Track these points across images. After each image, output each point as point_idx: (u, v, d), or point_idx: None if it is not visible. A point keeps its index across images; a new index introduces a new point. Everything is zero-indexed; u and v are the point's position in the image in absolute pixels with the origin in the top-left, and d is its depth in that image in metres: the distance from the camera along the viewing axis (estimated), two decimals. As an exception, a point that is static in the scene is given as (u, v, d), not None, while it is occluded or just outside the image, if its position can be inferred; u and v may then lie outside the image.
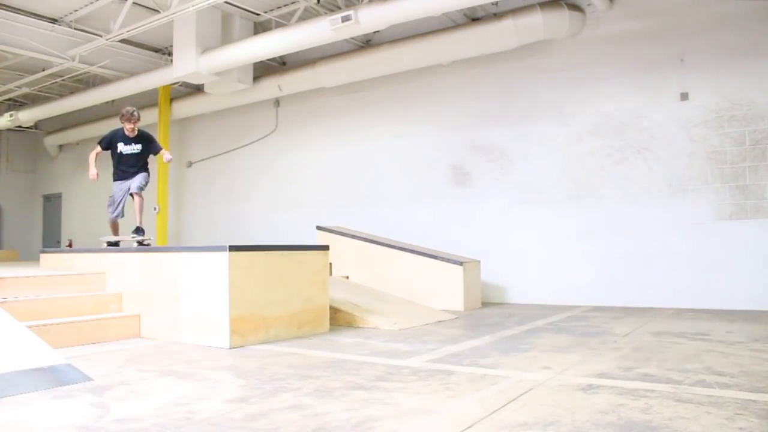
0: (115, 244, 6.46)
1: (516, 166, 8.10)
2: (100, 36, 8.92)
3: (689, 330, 4.94)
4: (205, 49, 8.67)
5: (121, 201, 6.36)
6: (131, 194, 6.19)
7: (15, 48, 8.99)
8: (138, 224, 6.24)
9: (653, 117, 7.14)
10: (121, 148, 6.20)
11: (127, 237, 6.34)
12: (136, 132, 6.17)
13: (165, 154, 6.49)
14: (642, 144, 7.20)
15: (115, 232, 6.56)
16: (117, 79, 10.47)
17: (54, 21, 8.79)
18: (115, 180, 6.38)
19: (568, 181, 7.68)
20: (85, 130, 13.53)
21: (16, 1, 8.18)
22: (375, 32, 8.66)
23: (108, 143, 6.31)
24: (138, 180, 6.22)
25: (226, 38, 8.91)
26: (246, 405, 2.72)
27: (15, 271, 5.81)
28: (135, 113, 6.14)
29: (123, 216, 6.40)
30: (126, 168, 6.27)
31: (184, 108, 11.33)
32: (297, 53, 9.45)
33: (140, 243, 6.18)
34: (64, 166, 15.10)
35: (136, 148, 6.22)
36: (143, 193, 6.28)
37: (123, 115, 6.15)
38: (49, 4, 8.41)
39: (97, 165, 6.34)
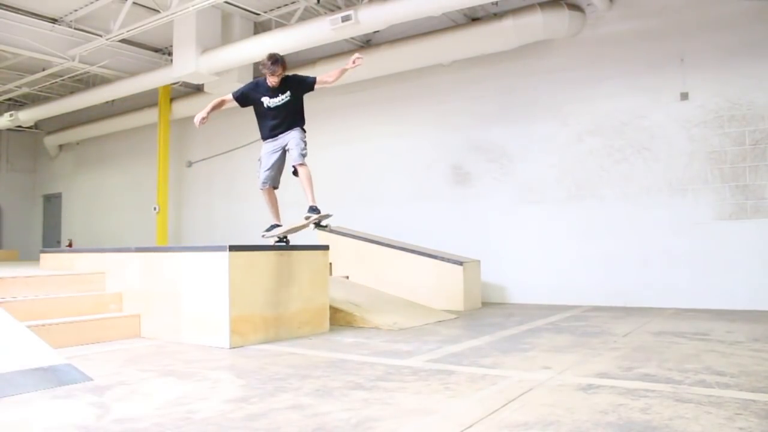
0: (283, 239, 5.17)
1: (516, 166, 8.10)
2: (100, 36, 8.92)
3: (689, 330, 4.94)
4: (205, 49, 8.67)
5: (271, 166, 5.08)
6: (293, 167, 4.98)
7: (15, 48, 8.98)
8: (310, 202, 4.92)
9: (653, 117, 7.14)
10: (267, 101, 4.95)
11: (297, 223, 5.04)
12: (280, 79, 4.87)
13: (332, 74, 5.16)
14: (642, 144, 7.20)
15: (273, 209, 5.22)
16: (117, 79, 10.47)
17: (54, 21, 8.78)
18: (263, 140, 5.16)
19: (568, 181, 7.68)
20: (85, 130, 13.54)
21: (16, 1, 8.17)
22: (375, 32, 8.66)
23: (244, 98, 5.01)
24: (295, 146, 4.96)
25: (226, 38, 8.91)
26: (246, 405, 2.72)
27: (15, 271, 5.81)
28: (278, 60, 4.79)
29: (277, 186, 5.21)
30: (275, 124, 5.02)
31: (184, 108, 11.32)
32: (297, 53, 9.43)
33: (318, 225, 4.95)
34: (64, 166, 15.09)
35: (283, 97, 4.95)
36: (306, 158, 5.02)
37: (263, 65, 4.83)
38: (49, 4, 8.41)
39: (209, 116, 4.94)
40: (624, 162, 7.31)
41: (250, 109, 5.23)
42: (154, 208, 11.21)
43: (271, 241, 5.12)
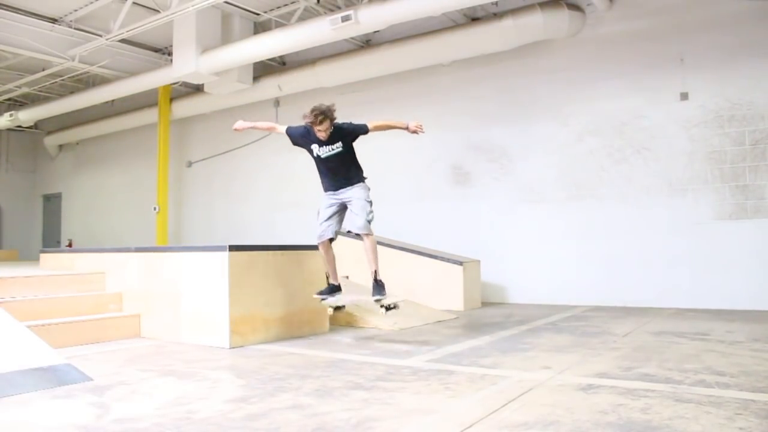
0: (338, 306, 4.78)
1: (516, 166, 8.10)
2: (100, 36, 8.92)
3: (689, 330, 4.94)
4: (205, 49, 8.67)
5: (329, 218, 4.59)
6: (356, 234, 4.54)
7: (15, 48, 8.98)
8: (374, 276, 4.49)
9: (653, 117, 7.14)
10: (317, 150, 4.55)
11: (358, 297, 4.79)
12: (329, 133, 4.44)
13: (407, 124, 4.77)
14: (642, 144, 7.20)
15: (331, 266, 4.73)
16: (117, 79, 10.46)
17: (54, 21, 8.78)
18: (323, 191, 4.73)
19: (568, 181, 7.68)
20: (85, 130, 13.53)
21: (16, 1, 8.17)
22: (375, 32, 8.66)
23: (294, 141, 4.70)
24: (360, 209, 4.46)
25: (226, 38, 8.91)
26: (246, 405, 2.72)
27: (15, 271, 5.81)
28: (324, 115, 4.33)
29: (334, 238, 4.67)
30: (333, 177, 4.61)
31: (184, 108, 11.33)
32: (297, 53, 9.44)
33: (386, 307, 4.49)
34: (64, 166, 15.09)
35: (335, 148, 4.53)
36: (371, 225, 4.51)
37: (306, 118, 4.39)
38: (49, 4, 8.40)
39: (249, 128, 4.70)
40: (624, 162, 7.31)
41: (251, 110, 5.22)
42: (154, 208, 11.21)
43: (329, 308, 4.72)
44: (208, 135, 11.83)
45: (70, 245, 13.87)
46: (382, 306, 4.47)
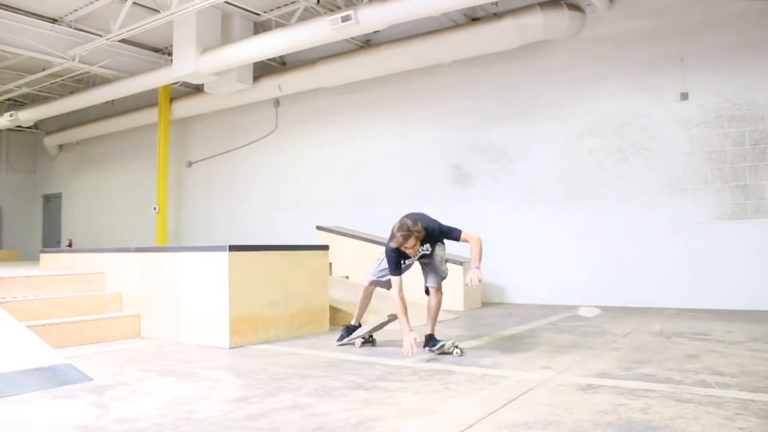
0: (369, 338, 4.55)
1: (516, 166, 8.10)
2: (100, 36, 8.91)
3: (689, 330, 4.94)
4: (205, 49, 8.67)
5: (395, 268, 4.23)
6: (426, 288, 4.41)
7: (15, 48, 8.97)
8: (429, 331, 4.28)
9: (653, 117, 7.13)
10: (409, 261, 4.37)
11: (377, 321, 4.46)
12: (417, 247, 4.19)
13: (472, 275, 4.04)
14: (642, 144, 7.20)
15: (362, 308, 4.62)
16: (117, 79, 10.46)
17: (54, 21, 8.77)
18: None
19: (568, 180, 7.68)
20: (85, 130, 13.53)
21: (16, 1, 8.17)
22: (375, 32, 8.65)
23: (394, 268, 4.24)
24: (440, 263, 4.37)
25: (226, 38, 8.90)
26: (246, 405, 2.72)
27: (15, 271, 5.81)
28: (411, 235, 4.06)
29: (389, 288, 4.37)
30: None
31: (184, 108, 11.32)
32: (297, 53, 9.44)
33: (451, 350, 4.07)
34: (64, 166, 15.09)
35: (423, 249, 4.32)
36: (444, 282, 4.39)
37: (394, 238, 4.12)
38: (49, 4, 8.40)
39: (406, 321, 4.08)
40: (624, 162, 7.31)
41: (251, 110, 5.19)
42: (154, 208, 11.21)
43: (358, 343, 4.50)
44: (208, 135, 11.83)
45: (70, 245, 13.87)
46: (442, 352, 4.07)
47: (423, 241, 4.23)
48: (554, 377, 3.21)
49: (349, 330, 4.60)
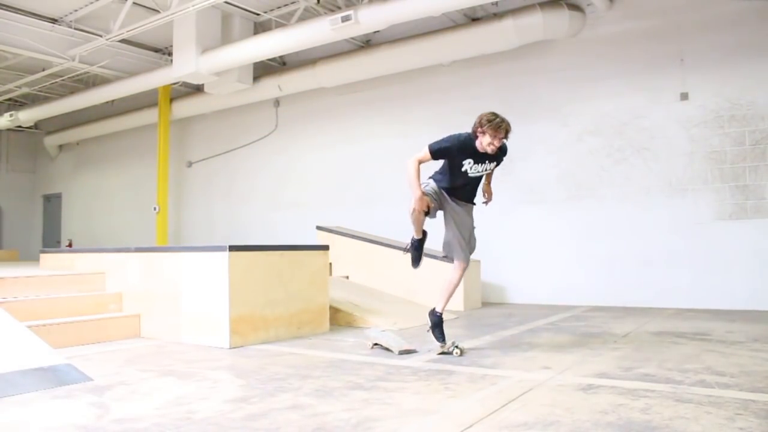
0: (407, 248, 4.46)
1: (516, 166, 8.08)
2: (100, 36, 8.92)
3: (689, 330, 4.94)
4: (205, 49, 8.67)
5: (434, 196, 4.21)
6: (449, 258, 4.25)
7: (15, 48, 8.98)
8: (440, 311, 4.14)
9: (653, 117, 7.14)
10: (468, 165, 4.09)
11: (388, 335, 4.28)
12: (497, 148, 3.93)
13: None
14: (642, 144, 7.20)
15: (419, 224, 4.32)
16: (117, 79, 10.46)
17: (54, 21, 8.78)
18: (442, 186, 4.34)
19: (568, 181, 7.68)
20: (85, 130, 13.53)
21: (16, 1, 8.17)
22: (375, 32, 8.65)
23: (445, 154, 4.11)
24: (470, 238, 4.30)
25: (226, 38, 8.91)
26: (246, 405, 2.72)
27: (15, 271, 5.81)
28: (503, 125, 3.82)
29: (428, 213, 4.20)
30: (464, 191, 4.32)
31: (184, 108, 11.33)
32: (297, 53, 9.44)
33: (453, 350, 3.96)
34: (64, 166, 15.10)
35: (488, 167, 4.20)
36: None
37: (482, 126, 3.86)
38: (49, 4, 8.40)
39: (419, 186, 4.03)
40: (624, 162, 7.31)
41: (251, 110, 5.19)
42: (154, 208, 11.21)
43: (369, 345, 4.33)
44: (208, 135, 11.83)
45: (70, 245, 13.87)
46: (443, 352, 3.97)
47: (495, 155, 4.02)
48: (554, 377, 3.21)
49: (416, 245, 4.40)
